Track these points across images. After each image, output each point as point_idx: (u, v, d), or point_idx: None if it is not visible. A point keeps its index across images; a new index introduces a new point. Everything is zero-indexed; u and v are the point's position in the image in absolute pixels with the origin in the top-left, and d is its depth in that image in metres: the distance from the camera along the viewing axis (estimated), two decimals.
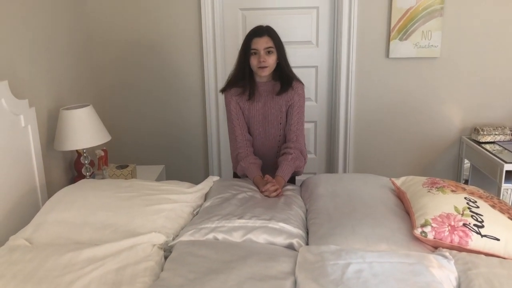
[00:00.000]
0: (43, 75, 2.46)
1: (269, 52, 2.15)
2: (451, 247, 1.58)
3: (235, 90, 2.27)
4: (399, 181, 2.01)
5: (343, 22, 3.05)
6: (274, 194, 2.05)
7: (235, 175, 2.44)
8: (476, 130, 3.11)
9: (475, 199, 1.69)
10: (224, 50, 3.17)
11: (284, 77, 2.24)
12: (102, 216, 1.81)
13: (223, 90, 2.32)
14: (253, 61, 2.16)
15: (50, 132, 2.50)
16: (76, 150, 2.67)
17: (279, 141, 2.32)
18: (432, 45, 3.06)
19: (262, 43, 2.14)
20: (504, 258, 1.53)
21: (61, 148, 2.42)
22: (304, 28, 3.15)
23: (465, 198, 1.69)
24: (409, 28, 3.02)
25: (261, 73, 2.18)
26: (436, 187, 1.77)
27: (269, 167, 2.30)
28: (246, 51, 2.17)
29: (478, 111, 3.21)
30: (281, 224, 1.71)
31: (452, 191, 1.74)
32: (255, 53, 2.15)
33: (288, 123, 2.28)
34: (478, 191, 1.82)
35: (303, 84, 2.31)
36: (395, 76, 3.16)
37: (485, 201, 1.70)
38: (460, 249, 1.56)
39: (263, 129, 2.30)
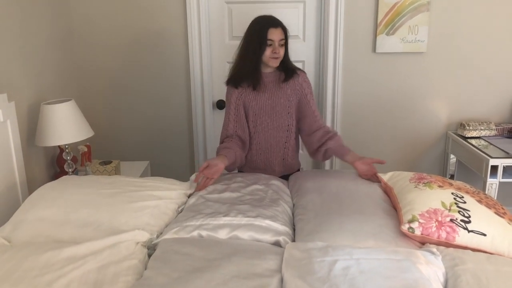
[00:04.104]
0: (23, 68, 2.39)
1: (281, 45, 2.16)
2: (438, 243, 1.57)
3: (240, 82, 2.26)
4: (386, 176, 2.00)
5: (330, 16, 3.02)
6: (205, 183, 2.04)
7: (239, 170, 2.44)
8: (462, 125, 3.12)
9: (462, 195, 1.68)
10: (209, 43, 3.13)
11: (288, 68, 2.26)
12: (84, 214, 1.76)
13: (228, 82, 2.30)
14: (267, 51, 2.15)
15: (31, 127, 2.44)
16: (58, 146, 2.62)
17: (288, 131, 2.31)
18: (418, 40, 3.05)
19: (278, 34, 2.14)
20: (491, 253, 1.53)
21: (42, 144, 2.36)
22: (291, 22, 3.11)
23: (452, 193, 1.68)
24: (396, 22, 3.01)
25: (273, 63, 2.18)
26: (423, 183, 1.76)
27: (276, 160, 2.33)
28: (262, 41, 2.14)
29: (464, 106, 3.22)
30: (268, 222, 1.68)
31: (439, 186, 1.73)
32: (270, 44, 2.14)
33: (309, 111, 2.27)
34: (465, 186, 1.81)
35: (305, 72, 2.34)
36: (382, 71, 3.15)
37: (472, 196, 1.69)
38: (448, 244, 1.55)
39: (271, 120, 2.28)
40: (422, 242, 1.61)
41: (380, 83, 3.18)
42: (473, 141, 3.01)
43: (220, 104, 3.24)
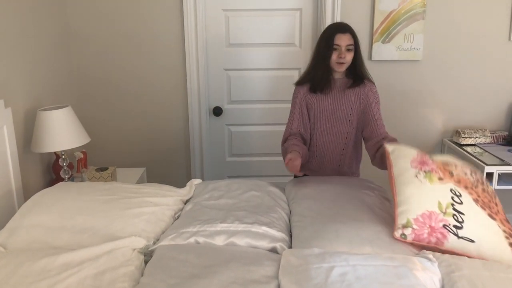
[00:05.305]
0: (20, 75, 2.39)
1: (348, 50, 2.19)
2: (427, 247, 1.59)
3: (306, 85, 2.30)
4: (390, 148, 1.89)
5: (326, 24, 3.04)
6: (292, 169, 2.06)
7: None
8: (457, 133, 3.14)
9: (460, 192, 1.66)
10: (206, 51, 3.14)
11: (357, 74, 2.27)
12: (80, 220, 1.76)
13: (298, 83, 2.34)
14: (333, 56, 2.19)
15: (27, 133, 2.43)
16: (54, 152, 2.61)
17: (346, 138, 2.32)
18: (414, 48, 3.07)
19: (345, 40, 2.17)
20: (481, 259, 1.54)
21: (38, 150, 2.36)
22: (288, 30, 3.14)
23: (451, 190, 1.65)
24: (392, 30, 3.04)
25: (338, 68, 2.21)
26: (425, 171, 1.71)
27: (330, 166, 2.34)
28: (329, 45, 2.18)
29: (459, 113, 3.24)
30: (264, 228, 1.68)
31: (440, 178, 1.69)
32: (336, 49, 2.18)
33: (371, 119, 2.25)
34: (466, 174, 1.76)
35: (375, 85, 2.33)
36: (377, 78, 3.14)
37: (470, 193, 1.67)
38: (435, 249, 1.58)
39: (330, 125, 2.30)
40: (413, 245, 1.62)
41: None
42: (468, 149, 3.03)
43: (216, 111, 3.25)
